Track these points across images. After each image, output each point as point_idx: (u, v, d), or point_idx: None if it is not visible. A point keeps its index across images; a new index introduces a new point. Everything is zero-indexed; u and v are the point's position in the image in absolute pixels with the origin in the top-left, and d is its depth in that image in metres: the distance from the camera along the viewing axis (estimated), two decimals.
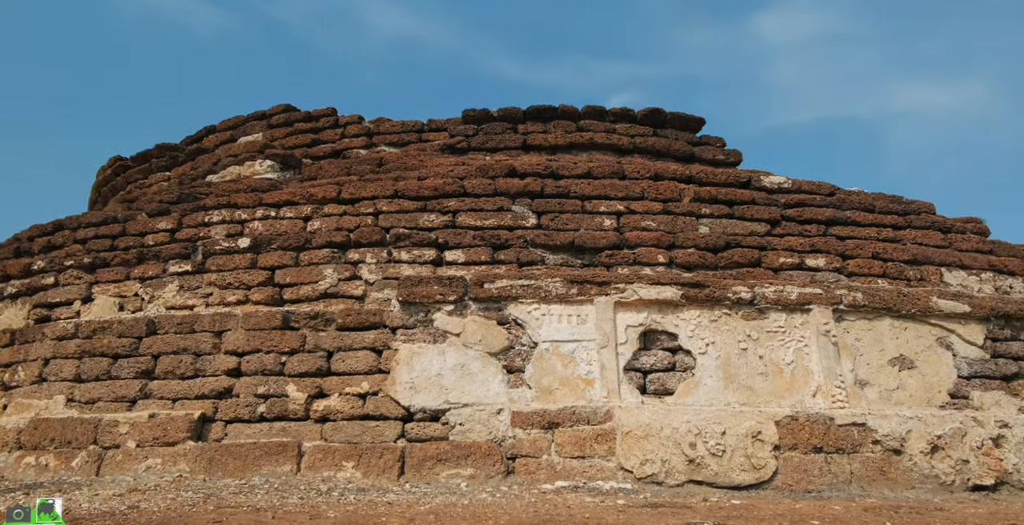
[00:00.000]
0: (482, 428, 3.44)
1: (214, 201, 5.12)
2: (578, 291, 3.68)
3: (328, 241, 4.41)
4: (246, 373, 3.82)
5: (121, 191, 8.39)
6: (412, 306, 3.80)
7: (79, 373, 4.04)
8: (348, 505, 2.57)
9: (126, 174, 8.29)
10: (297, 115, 7.52)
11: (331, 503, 2.67)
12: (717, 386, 3.49)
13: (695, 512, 2.46)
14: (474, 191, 4.72)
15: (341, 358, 3.75)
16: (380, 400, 3.61)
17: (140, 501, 2.68)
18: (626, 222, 4.63)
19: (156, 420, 3.63)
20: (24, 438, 3.79)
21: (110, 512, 2.40)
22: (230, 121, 8.00)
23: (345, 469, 3.35)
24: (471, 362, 3.59)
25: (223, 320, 3.97)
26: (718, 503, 2.70)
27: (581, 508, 2.50)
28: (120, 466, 3.56)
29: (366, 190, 4.83)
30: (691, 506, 2.61)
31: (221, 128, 8.03)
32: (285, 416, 3.66)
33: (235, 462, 3.45)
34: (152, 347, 3.99)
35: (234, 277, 4.42)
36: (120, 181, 8.37)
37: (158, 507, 2.49)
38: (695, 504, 2.68)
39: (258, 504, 2.61)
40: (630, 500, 2.74)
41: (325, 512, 2.38)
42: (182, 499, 2.71)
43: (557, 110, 6.34)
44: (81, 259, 4.87)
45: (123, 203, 8.07)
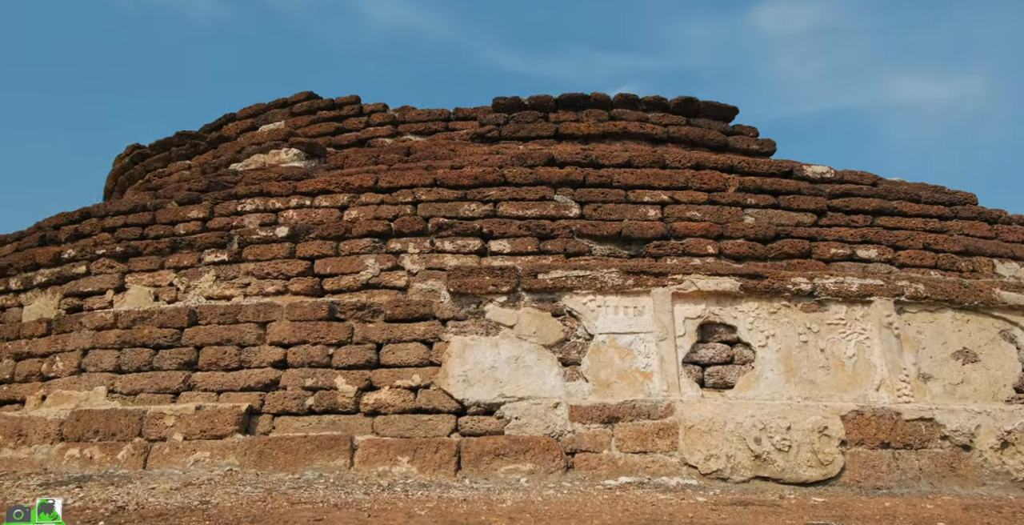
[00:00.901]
0: (539, 422, 3.37)
1: (246, 189, 5.02)
2: (635, 282, 3.59)
3: (369, 231, 4.31)
4: (292, 365, 3.74)
5: (139, 179, 8.27)
6: (463, 297, 3.72)
7: (119, 364, 3.96)
8: (426, 501, 2.50)
9: (145, 162, 8.17)
10: (320, 103, 7.38)
11: (401, 499, 2.60)
12: (778, 380, 3.41)
13: (787, 511, 2.39)
14: (515, 180, 4.62)
15: (391, 350, 3.67)
16: (432, 393, 3.53)
17: (205, 495, 2.60)
18: (670, 212, 4.53)
19: (203, 412, 3.55)
20: (66, 430, 3.71)
21: (187, 507, 2.32)
22: (250, 109, 7.86)
23: (400, 464, 3.28)
24: (526, 355, 3.51)
25: (267, 311, 3.88)
26: (803, 501, 2.64)
27: (672, 506, 2.43)
28: (167, 459, 3.49)
29: (404, 179, 4.72)
30: (779, 504, 2.54)
31: (241, 116, 7.90)
32: (334, 409, 3.59)
33: (286, 456, 3.38)
34: (195, 338, 3.90)
35: (272, 267, 4.33)
36: (138, 169, 8.25)
37: (230, 503, 2.41)
38: (780, 502, 2.61)
39: (329, 499, 2.54)
40: (711, 497, 2.67)
41: (411, 509, 2.30)
42: (246, 494, 2.63)
43: (589, 99, 6.22)
44: (113, 248, 4.78)
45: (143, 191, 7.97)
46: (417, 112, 6.91)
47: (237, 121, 7.83)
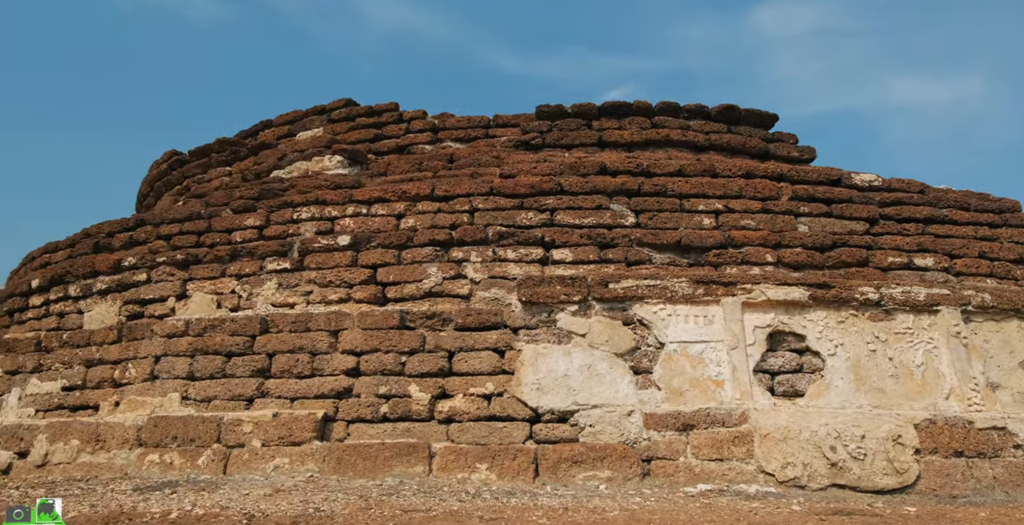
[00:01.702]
0: (613, 430, 3.43)
1: (302, 198, 5.10)
2: (704, 291, 3.65)
3: (431, 239, 4.38)
4: (365, 373, 3.81)
5: (177, 185, 8.37)
6: (534, 306, 3.78)
7: (192, 371, 4.04)
8: (531, 509, 2.56)
9: (183, 168, 8.26)
10: (358, 110, 7.46)
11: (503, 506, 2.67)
12: (848, 388, 3.47)
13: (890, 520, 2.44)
14: (571, 189, 4.68)
15: (463, 359, 3.73)
16: (506, 401, 3.60)
17: (307, 502, 2.67)
18: (724, 221, 4.59)
19: (280, 419, 3.63)
20: (145, 435, 3.79)
21: (307, 514, 2.39)
22: (287, 116, 7.95)
23: (479, 471, 3.35)
24: (598, 363, 3.57)
25: (339, 319, 3.96)
26: (896, 510, 2.69)
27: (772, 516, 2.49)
28: (247, 465, 3.56)
29: (461, 187, 4.79)
30: (877, 513, 2.59)
31: (278, 123, 7.99)
32: (408, 416, 3.65)
33: (365, 463, 3.44)
34: (267, 346, 3.98)
35: (335, 275, 4.40)
36: (176, 175, 8.34)
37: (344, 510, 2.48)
38: (874, 511, 2.66)
39: (433, 507, 2.60)
40: (805, 506, 2.72)
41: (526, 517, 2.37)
42: (347, 501, 2.70)
43: (632, 106, 6.28)
44: (174, 255, 4.86)
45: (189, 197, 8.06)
46: (457, 119, 6.97)
47: (274, 127, 7.91)
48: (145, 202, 9.45)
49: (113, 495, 3.04)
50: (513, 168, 5.27)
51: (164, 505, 2.62)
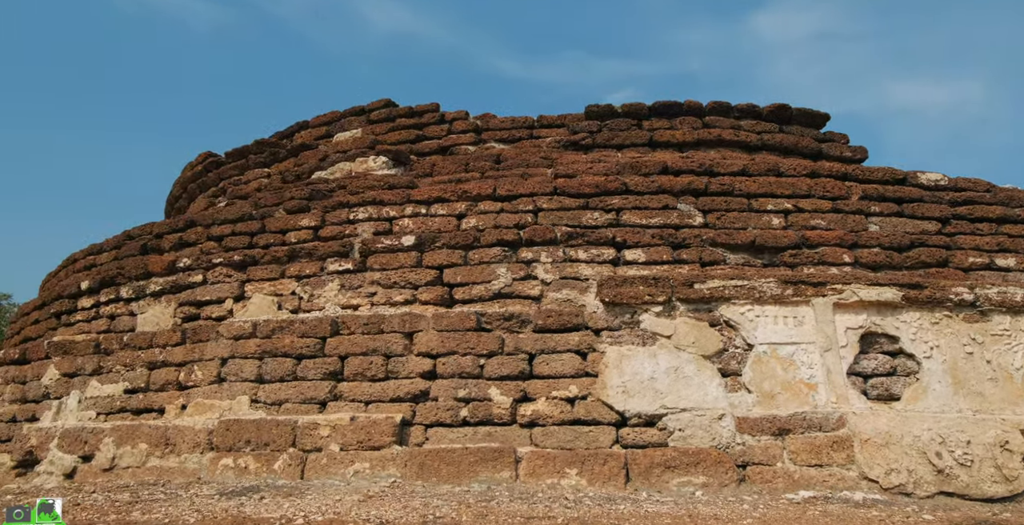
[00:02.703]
0: (704, 434, 3.33)
1: (357, 198, 5.03)
2: (794, 292, 3.56)
3: (499, 239, 4.30)
4: (442, 376, 3.72)
5: (212, 187, 8.31)
6: (616, 307, 3.69)
7: (261, 373, 3.96)
8: (652, 517, 2.47)
9: (219, 170, 8.21)
10: (398, 110, 7.40)
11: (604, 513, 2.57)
12: (946, 392, 3.37)
13: None
14: (637, 189, 4.60)
15: (544, 361, 3.64)
16: (590, 404, 3.50)
17: (407, 508, 2.58)
18: (794, 221, 4.50)
19: (358, 423, 3.54)
20: (216, 439, 3.71)
21: (424, 522, 2.30)
22: (324, 117, 7.91)
23: (568, 476, 3.25)
24: (685, 365, 3.47)
25: (413, 321, 3.87)
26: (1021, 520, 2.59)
27: None
28: (326, 470, 3.47)
29: (524, 187, 4.72)
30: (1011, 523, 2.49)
31: (314, 124, 7.94)
32: (489, 420, 3.56)
33: (448, 468, 3.35)
34: (338, 348, 3.90)
35: (400, 276, 4.32)
36: (212, 177, 8.29)
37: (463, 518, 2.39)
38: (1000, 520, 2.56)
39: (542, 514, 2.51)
40: (936, 516, 2.62)
41: None
42: (446, 507, 2.61)
43: (682, 106, 6.20)
44: (231, 257, 4.79)
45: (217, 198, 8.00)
46: (500, 119, 6.91)
47: (311, 128, 7.86)
48: (177, 204, 9.40)
49: (201, 500, 2.95)
50: (569, 168, 5.18)
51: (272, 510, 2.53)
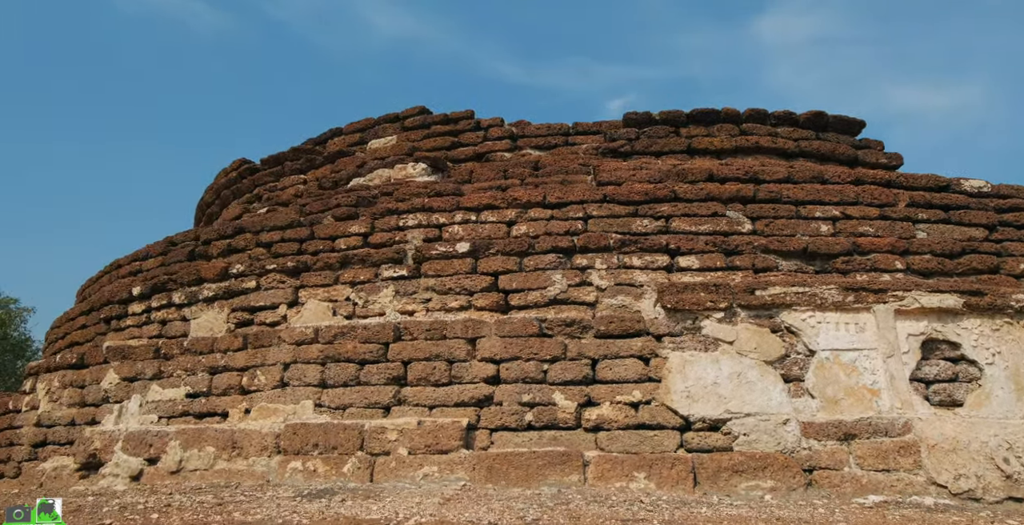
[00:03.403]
0: (769, 438, 3.39)
1: (406, 205, 5.10)
2: (855, 298, 3.61)
3: (553, 246, 4.37)
4: (506, 381, 3.78)
5: (247, 193, 8.41)
6: (678, 313, 3.75)
7: (324, 378, 4.03)
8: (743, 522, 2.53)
9: (253, 177, 8.31)
10: (433, 117, 7.49)
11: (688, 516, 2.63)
12: (1009, 398, 3.41)
13: None
14: (686, 196, 4.66)
15: (607, 366, 3.70)
16: (655, 409, 3.56)
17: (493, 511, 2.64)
18: (842, 227, 4.55)
19: (425, 427, 3.61)
20: (284, 443, 3.78)
21: None
22: (358, 124, 8.01)
23: (637, 480, 3.31)
24: (747, 371, 3.53)
25: (476, 327, 3.94)
26: None
27: None
28: (394, 473, 3.54)
29: (573, 194, 4.78)
30: None
31: (348, 131, 8.04)
32: (554, 425, 3.63)
33: (516, 472, 3.42)
34: (401, 353, 3.97)
35: (455, 282, 4.40)
36: (246, 183, 8.39)
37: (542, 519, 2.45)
38: None
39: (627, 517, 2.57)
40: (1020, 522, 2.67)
41: None
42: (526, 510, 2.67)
43: (720, 113, 6.27)
44: (284, 263, 4.88)
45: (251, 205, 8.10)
46: (536, 126, 6.99)
47: (344, 135, 7.96)
48: (208, 210, 9.51)
49: (283, 502, 3.02)
50: (612, 175, 5.25)
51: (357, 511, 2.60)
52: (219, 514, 2.61)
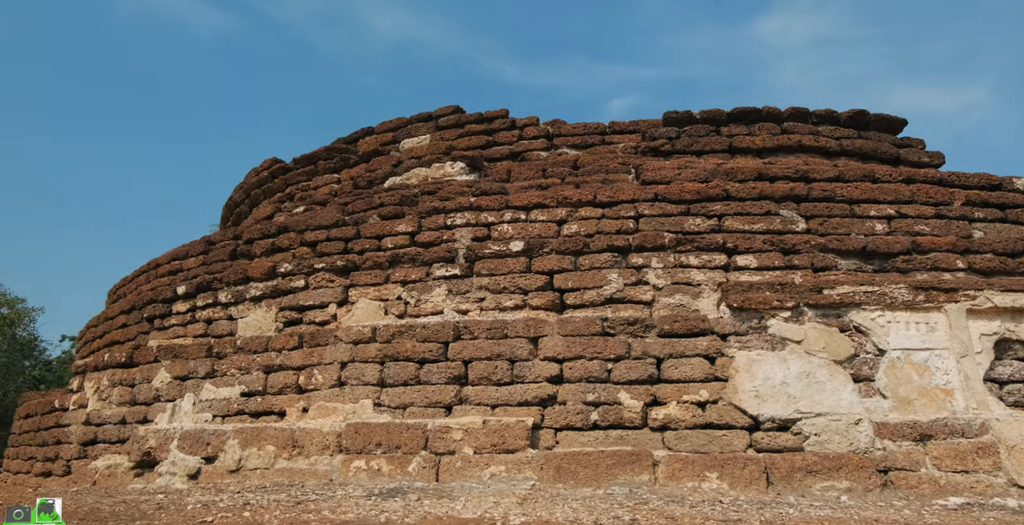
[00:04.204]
0: (841, 439, 3.35)
1: (454, 204, 5.09)
2: (925, 298, 3.58)
3: (609, 245, 4.35)
4: (569, 380, 3.77)
5: (278, 192, 8.43)
6: (744, 312, 3.73)
7: (383, 378, 4.02)
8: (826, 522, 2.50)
9: (285, 176, 8.32)
10: (467, 117, 7.48)
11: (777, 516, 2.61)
12: None
13: None
14: (738, 195, 4.63)
15: (673, 365, 3.68)
16: (722, 408, 3.54)
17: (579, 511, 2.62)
18: (897, 226, 4.51)
19: (490, 427, 3.59)
20: (346, 442, 3.77)
21: None
22: (390, 123, 7.99)
23: (709, 479, 3.28)
24: (816, 370, 3.50)
25: (538, 326, 3.93)
26: None
27: None
28: (460, 473, 3.53)
29: (624, 193, 4.76)
30: None
31: (379, 130, 8.03)
32: (620, 424, 3.60)
33: (585, 471, 3.40)
34: (462, 353, 3.96)
35: (509, 281, 4.38)
36: (278, 183, 8.41)
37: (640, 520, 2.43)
38: None
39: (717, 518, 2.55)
40: None
41: None
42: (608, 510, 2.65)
43: (761, 112, 6.23)
44: (333, 262, 4.87)
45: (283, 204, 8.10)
46: (572, 125, 6.96)
47: (376, 135, 7.96)
48: (237, 209, 9.53)
49: (357, 501, 3.01)
50: (657, 174, 5.22)
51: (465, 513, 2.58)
52: (310, 513, 2.60)
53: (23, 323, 18.32)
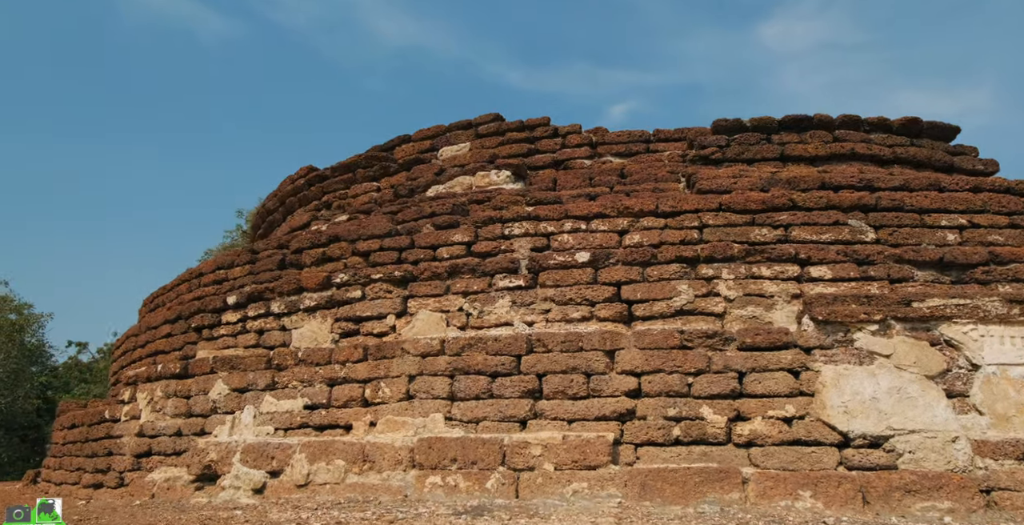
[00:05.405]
0: (937, 457, 3.26)
1: (511, 213, 5.03)
2: (1020, 311, 3.48)
3: (677, 256, 4.27)
4: (648, 394, 3.68)
5: (314, 200, 8.40)
6: (829, 325, 3.64)
7: (453, 391, 3.95)
8: None
9: (322, 184, 8.29)
10: (508, 124, 7.43)
11: None
12: None
13: None
14: (804, 204, 4.55)
15: (756, 379, 3.59)
16: (810, 424, 3.44)
17: None
18: (969, 236, 4.41)
19: (570, 442, 3.51)
20: (419, 457, 3.70)
21: None
22: (427, 131, 7.95)
23: (803, 498, 3.19)
24: (908, 385, 3.41)
25: (614, 338, 3.85)
26: None
27: None
28: (541, 489, 3.45)
29: (688, 203, 4.68)
30: None
31: (417, 138, 8.00)
32: (703, 440, 3.52)
33: (672, 488, 3.31)
34: (535, 366, 3.88)
35: (575, 293, 4.31)
36: (314, 191, 8.38)
37: None
38: None
39: None
40: None
41: None
42: None
43: (812, 120, 6.16)
44: (391, 272, 4.82)
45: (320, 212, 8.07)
46: (616, 133, 6.90)
47: (413, 142, 7.92)
48: (270, 218, 9.51)
49: (444, 519, 2.93)
50: (713, 183, 5.14)
51: None
52: None
53: (31, 329, 18.29)
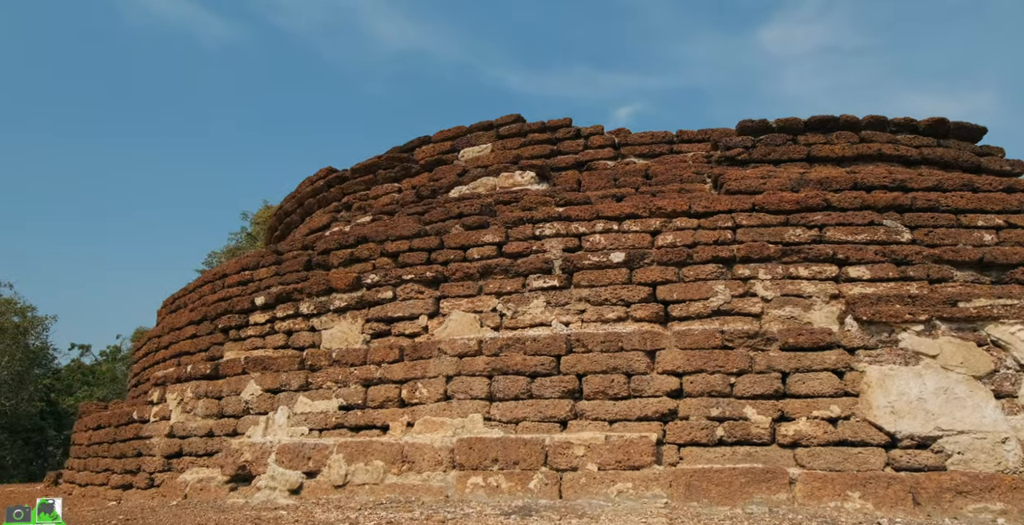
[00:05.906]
0: (987, 458, 3.23)
1: (542, 213, 5.02)
2: None
3: (713, 256, 4.26)
4: (691, 394, 3.67)
5: (334, 202, 8.40)
6: (873, 325, 3.62)
7: (492, 392, 3.94)
8: None
9: (342, 185, 8.29)
10: (530, 126, 7.42)
11: None
12: None
13: None
14: (839, 204, 4.53)
15: (800, 380, 3.58)
16: (856, 425, 3.42)
17: None
18: (1006, 237, 4.39)
19: (613, 443, 3.50)
20: (460, 458, 3.68)
21: None
22: (448, 132, 7.95)
23: (852, 499, 3.17)
24: (955, 386, 3.38)
25: (655, 338, 3.84)
26: None
27: None
28: (585, 489, 3.43)
29: (721, 203, 4.67)
30: None
31: (437, 139, 8.00)
32: (748, 440, 3.50)
33: (718, 489, 3.29)
34: (575, 366, 3.87)
35: (611, 293, 4.30)
36: (334, 192, 8.38)
37: None
38: None
39: None
40: None
41: None
42: None
43: (838, 121, 6.14)
44: (422, 273, 4.81)
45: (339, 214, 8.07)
46: (639, 135, 6.89)
47: (433, 144, 7.92)
48: (287, 219, 9.51)
49: (497, 519, 2.92)
50: (741, 184, 5.12)
51: None
52: None
53: (35, 332, 18.31)
